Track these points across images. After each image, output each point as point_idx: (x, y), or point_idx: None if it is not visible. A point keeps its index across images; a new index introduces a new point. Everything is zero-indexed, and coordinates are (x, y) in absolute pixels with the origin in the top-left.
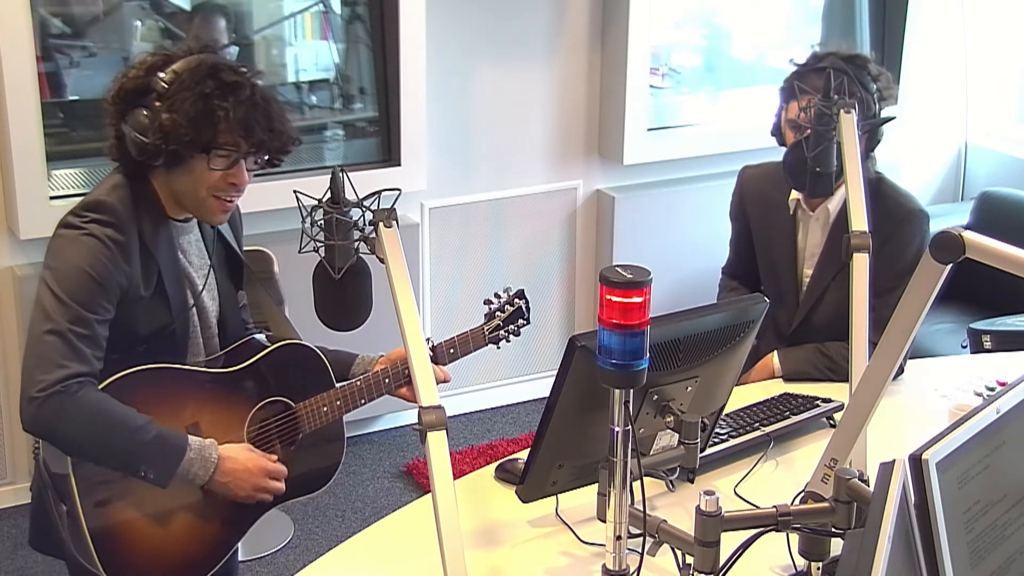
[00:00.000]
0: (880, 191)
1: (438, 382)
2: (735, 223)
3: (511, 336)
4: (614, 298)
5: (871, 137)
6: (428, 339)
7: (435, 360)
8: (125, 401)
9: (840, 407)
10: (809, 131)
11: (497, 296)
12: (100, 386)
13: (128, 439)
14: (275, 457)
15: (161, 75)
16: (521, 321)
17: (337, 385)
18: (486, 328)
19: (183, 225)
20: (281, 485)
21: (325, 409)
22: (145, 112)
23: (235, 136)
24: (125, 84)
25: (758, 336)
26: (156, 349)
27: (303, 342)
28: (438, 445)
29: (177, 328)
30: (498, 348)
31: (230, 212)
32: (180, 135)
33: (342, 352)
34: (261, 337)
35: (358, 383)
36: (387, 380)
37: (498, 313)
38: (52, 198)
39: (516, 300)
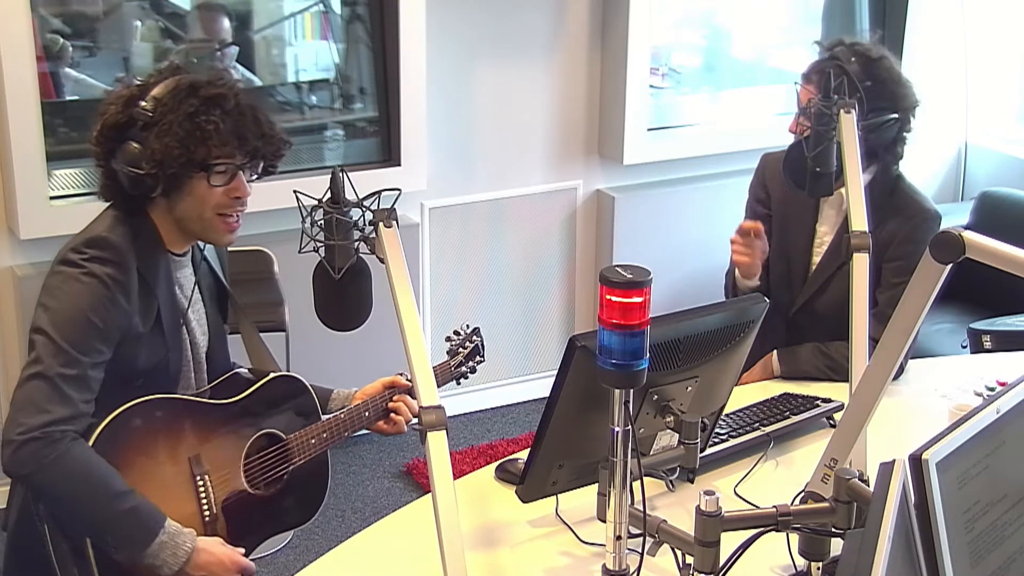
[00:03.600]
0: (898, 188)
1: (407, 419)
2: (755, 205)
3: (470, 373)
4: (614, 298)
5: (878, 136)
6: (401, 373)
7: (410, 394)
8: (129, 433)
9: (840, 407)
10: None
11: (456, 333)
12: (111, 416)
13: (103, 504)
14: (242, 550)
15: (142, 104)
16: (479, 358)
17: (323, 417)
18: (451, 364)
19: (180, 259)
20: None
21: (313, 441)
22: (134, 144)
23: (229, 148)
24: (106, 121)
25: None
26: (152, 383)
27: (294, 375)
28: (438, 445)
29: (171, 362)
30: (458, 384)
31: (237, 231)
32: (174, 158)
33: (317, 387)
34: (243, 371)
35: (342, 415)
36: (367, 413)
37: (460, 350)
38: (52, 198)
39: (474, 337)
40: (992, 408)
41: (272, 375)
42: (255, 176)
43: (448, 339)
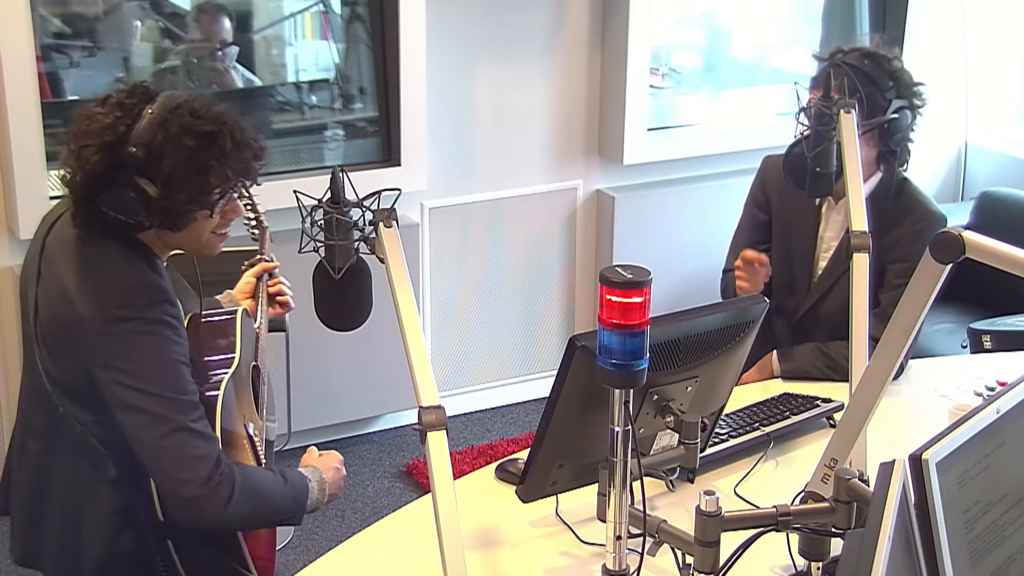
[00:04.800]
0: (904, 190)
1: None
2: (753, 210)
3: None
4: (614, 298)
5: (888, 137)
6: (261, 256)
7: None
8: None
9: (840, 407)
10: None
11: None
12: (217, 428)
13: (274, 500)
14: (315, 451)
15: (131, 149)
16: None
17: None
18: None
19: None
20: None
21: (263, 355)
22: (126, 189)
23: (234, 184)
24: (89, 169)
25: (763, 324)
26: None
27: (244, 307)
28: (438, 445)
29: None
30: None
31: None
32: (179, 204)
33: (212, 300)
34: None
35: (262, 321)
36: (267, 307)
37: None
38: (52, 198)
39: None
40: (992, 408)
41: (239, 315)
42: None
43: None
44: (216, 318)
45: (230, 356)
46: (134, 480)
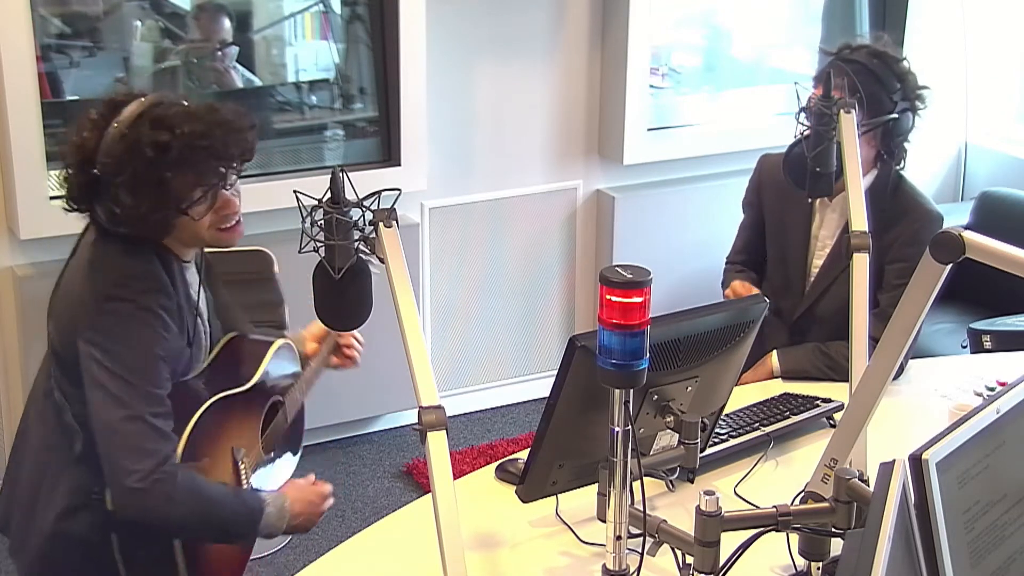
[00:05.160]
0: (900, 189)
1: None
2: (749, 210)
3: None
4: (614, 298)
5: (890, 138)
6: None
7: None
8: (195, 441)
9: (840, 407)
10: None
11: None
12: (185, 434)
13: (219, 510)
14: (312, 478)
15: (98, 166)
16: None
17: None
18: None
19: (187, 264)
20: (331, 500)
21: (298, 396)
22: (107, 203)
23: (207, 186)
24: (72, 183)
25: (761, 325)
26: (178, 385)
27: (287, 338)
28: (438, 445)
29: (193, 360)
30: None
31: (241, 230)
32: (148, 214)
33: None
34: (235, 339)
35: (314, 366)
36: (328, 354)
37: None
38: (52, 198)
39: None
40: (992, 408)
41: (275, 345)
42: (238, 175)
43: None
44: (252, 341)
45: (246, 377)
46: (99, 463)
